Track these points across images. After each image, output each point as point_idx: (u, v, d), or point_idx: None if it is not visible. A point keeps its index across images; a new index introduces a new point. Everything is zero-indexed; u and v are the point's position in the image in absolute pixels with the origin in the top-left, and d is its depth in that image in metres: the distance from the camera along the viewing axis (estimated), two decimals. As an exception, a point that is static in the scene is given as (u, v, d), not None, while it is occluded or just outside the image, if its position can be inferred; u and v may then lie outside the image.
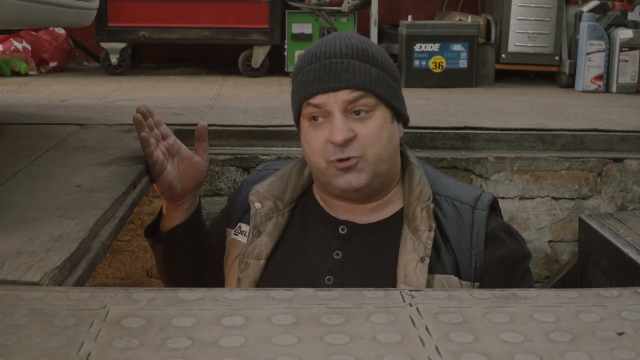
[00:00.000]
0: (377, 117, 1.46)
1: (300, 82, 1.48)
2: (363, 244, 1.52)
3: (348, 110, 1.44)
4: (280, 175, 1.59)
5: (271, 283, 1.51)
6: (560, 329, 0.96)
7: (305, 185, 1.61)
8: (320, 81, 1.44)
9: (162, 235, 1.73)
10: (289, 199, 1.58)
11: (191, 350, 0.89)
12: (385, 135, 1.46)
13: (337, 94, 1.43)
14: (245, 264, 1.54)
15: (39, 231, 1.31)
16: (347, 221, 1.54)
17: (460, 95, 3.49)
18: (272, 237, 1.55)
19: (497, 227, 1.50)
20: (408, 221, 1.49)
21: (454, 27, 3.87)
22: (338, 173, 1.45)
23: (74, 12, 2.30)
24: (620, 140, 2.55)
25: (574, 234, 2.48)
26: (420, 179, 1.52)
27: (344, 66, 1.44)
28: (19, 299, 1.02)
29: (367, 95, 1.44)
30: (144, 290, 1.06)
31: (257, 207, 1.55)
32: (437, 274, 1.45)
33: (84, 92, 3.39)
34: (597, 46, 3.75)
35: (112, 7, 4.00)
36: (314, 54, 1.48)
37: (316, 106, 1.45)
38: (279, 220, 1.56)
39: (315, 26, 4.04)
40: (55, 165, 1.81)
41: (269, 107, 2.93)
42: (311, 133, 1.47)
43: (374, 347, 0.90)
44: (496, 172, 2.44)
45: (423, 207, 1.47)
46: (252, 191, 1.57)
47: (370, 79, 1.45)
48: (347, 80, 1.43)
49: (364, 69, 1.45)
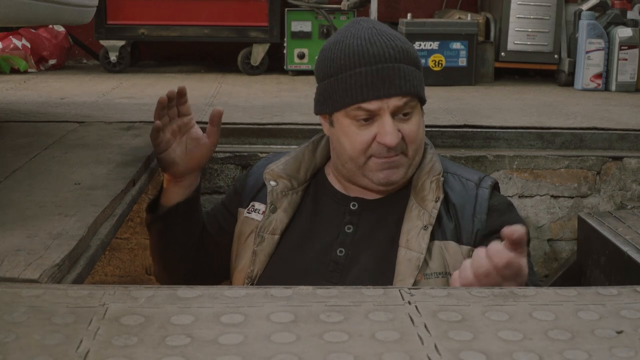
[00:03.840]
0: (417, 114, 1.57)
1: (349, 83, 1.52)
2: (372, 217, 1.60)
3: (396, 113, 1.53)
4: (294, 156, 1.68)
5: (285, 256, 1.60)
6: (559, 327, 0.96)
7: (318, 165, 1.70)
8: (376, 88, 1.51)
9: (163, 210, 1.75)
10: (303, 178, 1.67)
11: (190, 348, 0.89)
12: (422, 130, 1.58)
13: (389, 100, 1.51)
14: (261, 238, 1.61)
15: (38, 228, 1.31)
16: (358, 197, 1.62)
17: (460, 94, 3.49)
18: (287, 213, 1.63)
19: (499, 201, 1.61)
20: (415, 192, 1.58)
21: (454, 25, 3.86)
22: (378, 168, 1.54)
23: (74, 10, 2.30)
24: (619, 138, 2.55)
25: (573, 233, 2.48)
26: (432, 157, 1.62)
27: (396, 71, 1.51)
28: (18, 297, 1.02)
29: (413, 99, 1.54)
30: (142, 288, 1.06)
31: (272, 184, 1.63)
32: (436, 240, 1.54)
33: (83, 89, 3.39)
34: (596, 44, 3.74)
35: (111, 5, 4.00)
36: (360, 54, 1.52)
37: (367, 110, 1.52)
38: (294, 197, 1.65)
39: (314, 24, 4.04)
40: (54, 162, 1.81)
41: (268, 105, 2.93)
42: (354, 131, 1.54)
43: (372, 345, 0.90)
44: (495, 170, 2.44)
45: (433, 180, 1.56)
46: (267, 169, 1.65)
47: (417, 83, 1.54)
48: (400, 87, 1.51)
49: (411, 72, 1.53)
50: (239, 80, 3.88)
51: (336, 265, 1.57)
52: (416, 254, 1.50)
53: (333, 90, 1.55)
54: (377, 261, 1.55)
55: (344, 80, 1.53)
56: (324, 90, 1.58)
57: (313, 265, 1.57)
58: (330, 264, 1.57)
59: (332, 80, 1.55)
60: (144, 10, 4.03)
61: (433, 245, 1.52)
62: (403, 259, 1.51)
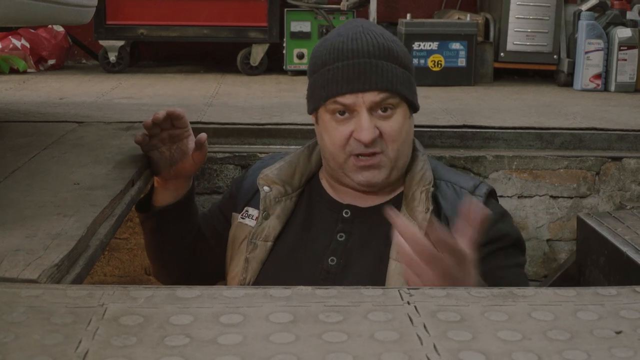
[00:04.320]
0: (399, 113, 1.53)
1: (326, 78, 1.51)
2: (365, 226, 1.58)
3: (374, 109, 1.50)
4: (289, 161, 1.65)
5: (277, 264, 1.58)
6: (558, 328, 0.96)
7: (313, 171, 1.68)
8: (349, 82, 1.49)
9: (153, 210, 1.75)
10: (297, 184, 1.64)
11: (189, 348, 0.89)
12: (405, 131, 1.54)
13: (365, 95, 1.49)
14: (254, 245, 1.59)
15: (37, 228, 1.31)
16: (351, 205, 1.60)
17: (459, 94, 3.49)
18: (280, 220, 1.61)
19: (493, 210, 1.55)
20: (406, 203, 1.55)
21: (453, 26, 3.86)
22: (357, 169, 1.52)
23: (73, 10, 2.30)
24: (618, 139, 2.55)
25: (572, 233, 2.48)
26: (423, 165, 1.58)
27: (372, 67, 1.49)
28: (17, 297, 1.02)
29: (393, 96, 1.51)
30: (142, 288, 1.06)
31: (265, 190, 1.61)
32: None
33: (82, 89, 3.39)
34: (595, 45, 3.74)
35: (110, 5, 4.00)
36: (340, 50, 1.51)
37: (343, 104, 1.50)
38: (287, 204, 1.62)
39: (314, 24, 4.04)
40: (53, 162, 1.81)
41: (268, 105, 2.93)
42: (334, 126, 1.52)
43: (371, 345, 0.90)
44: (494, 171, 2.44)
45: (423, 190, 1.53)
46: (261, 175, 1.63)
47: (396, 80, 1.51)
48: (376, 83, 1.49)
49: (391, 69, 1.50)
50: (238, 80, 3.88)
51: (327, 274, 1.55)
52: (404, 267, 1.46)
53: (315, 87, 1.55)
54: (369, 272, 1.53)
55: (323, 76, 1.52)
56: (309, 88, 1.59)
57: (305, 273, 1.55)
58: (322, 272, 1.55)
59: (315, 77, 1.55)
60: (143, 11, 4.03)
61: None
62: (394, 272, 1.48)
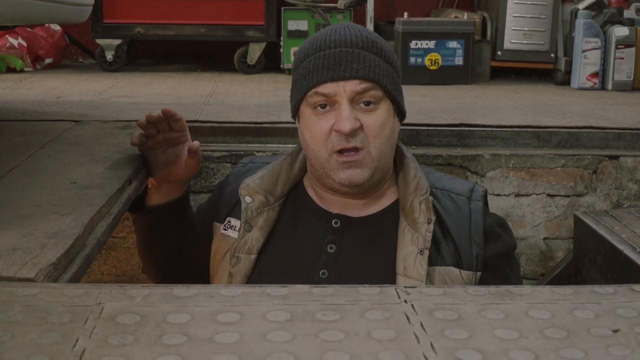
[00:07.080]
0: (382, 109, 1.46)
1: (307, 68, 1.46)
2: (357, 237, 1.51)
3: (355, 101, 1.44)
4: (271, 169, 1.58)
5: (263, 277, 1.50)
6: (555, 326, 0.96)
7: (296, 179, 1.60)
8: (330, 69, 1.43)
9: (146, 209, 1.73)
10: (280, 193, 1.57)
11: (186, 347, 0.88)
12: (388, 128, 1.47)
13: (346, 83, 1.43)
14: (237, 259, 1.52)
15: (34, 227, 1.31)
16: (340, 214, 1.53)
17: (456, 93, 3.49)
18: (264, 232, 1.54)
19: (493, 222, 1.53)
20: (405, 214, 1.49)
21: (450, 24, 3.87)
22: (339, 167, 1.45)
23: (70, 9, 2.29)
24: (615, 137, 2.56)
25: (569, 231, 2.48)
26: (416, 173, 1.52)
27: (355, 56, 1.43)
28: (14, 295, 1.02)
29: (375, 88, 1.44)
30: (139, 287, 1.06)
31: (247, 201, 1.54)
32: (437, 266, 1.45)
33: (79, 88, 3.39)
34: (592, 44, 3.75)
35: (107, 4, 3.99)
36: (322, 41, 1.47)
37: (323, 95, 1.44)
38: (270, 214, 1.55)
39: (311, 23, 4.04)
40: (50, 161, 1.81)
41: (265, 104, 2.92)
42: (314, 121, 1.46)
43: (368, 344, 0.90)
44: (492, 169, 2.44)
45: (421, 200, 1.47)
46: (243, 185, 1.55)
47: (379, 71, 1.45)
48: (357, 70, 1.43)
49: (374, 60, 1.45)
50: (235, 79, 3.88)
51: None
52: (416, 282, 1.41)
53: (297, 80, 1.50)
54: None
55: (305, 67, 1.47)
56: (292, 85, 1.54)
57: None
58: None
59: (297, 71, 1.50)
60: (140, 9, 4.03)
61: (434, 271, 1.44)
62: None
